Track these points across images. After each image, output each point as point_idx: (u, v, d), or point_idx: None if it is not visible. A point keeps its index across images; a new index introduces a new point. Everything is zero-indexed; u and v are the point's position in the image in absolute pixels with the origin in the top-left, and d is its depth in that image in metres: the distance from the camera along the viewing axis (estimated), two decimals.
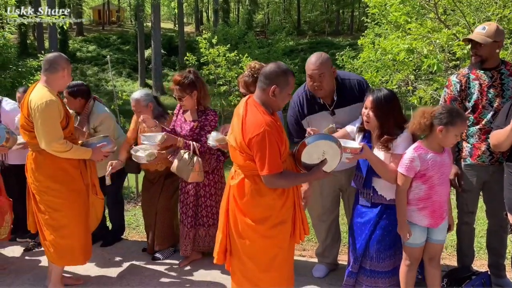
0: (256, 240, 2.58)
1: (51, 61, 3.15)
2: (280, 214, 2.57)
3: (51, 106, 3.03)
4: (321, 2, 44.64)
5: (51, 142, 3.04)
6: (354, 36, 30.87)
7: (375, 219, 2.87)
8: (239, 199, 2.58)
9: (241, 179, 2.57)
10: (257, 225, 2.55)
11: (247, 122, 2.45)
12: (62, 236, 3.23)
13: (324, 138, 2.54)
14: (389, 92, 2.78)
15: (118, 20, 45.04)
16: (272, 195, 2.54)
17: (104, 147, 3.36)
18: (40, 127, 3.03)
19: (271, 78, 2.46)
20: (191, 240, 3.73)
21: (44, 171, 3.17)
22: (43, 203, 3.20)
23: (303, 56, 31.60)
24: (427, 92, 7.44)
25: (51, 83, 3.15)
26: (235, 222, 2.61)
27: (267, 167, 2.39)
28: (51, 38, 21.72)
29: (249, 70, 3.34)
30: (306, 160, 2.56)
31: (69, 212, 3.21)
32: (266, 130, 2.38)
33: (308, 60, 3.08)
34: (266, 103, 2.51)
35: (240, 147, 2.48)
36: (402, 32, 5.88)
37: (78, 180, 3.28)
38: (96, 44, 33.43)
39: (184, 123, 3.66)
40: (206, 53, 11.98)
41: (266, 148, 2.38)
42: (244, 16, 36.94)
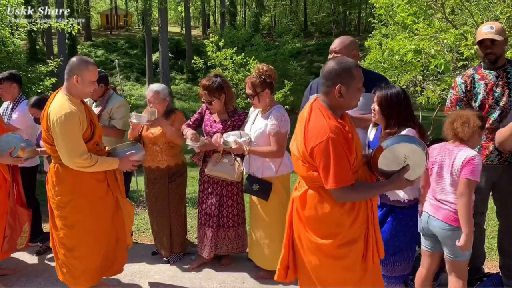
0: (323, 259, 2.27)
1: (68, 65, 2.93)
2: (350, 232, 2.23)
3: (70, 119, 2.79)
4: (327, 4, 44.62)
5: (73, 158, 2.83)
6: (361, 37, 30.79)
7: (380, 221, 2.87)
8: (303, 213, 2.31)
9: (304, 190, 2.31)
10: (322, 243, 2.25)
11: (310, 129, 2.19)
12: (75, 257, 3.03)
13: (405, 140, 2.24)
14: (397, 90, 2.78)
15: (126, 25, 45.37)
16: (340, 210, 2.22)
17: (132, 155, 3.12)
18: (61, 143, 2.81)
19: (331, 78, 2.19)
20: (214, 241, 3.74)
21: (65, 185, 2.96)
22: (60, 219, 3.00)
23: (310, 58, 31.65)
24: (435, 92, 7.39)
25: (70, 90, 2.93)
26: (299, 237, 2.35)
27: (333, 180, 2.10)
28: (60, 43, 21.91)
29: (257, 72, 3.38)
30: (384, 167, 2.23)
31: (86, 231, 3.00)
32: (330, 138, 2.09)
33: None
34: (333, 106, 2.23)
35: (303, 156, 2.22)
36: (409, 33, 5.86)
37: (104, 194, 3.06)
38: (104, 49, 33.69)
39: (214, 122, 3.75)
40: (213, 56, 12.03)
41: (330, 158, 2.09)
42: (251, 19, 37.03)
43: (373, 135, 2.95)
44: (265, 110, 3.43)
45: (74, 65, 2.89)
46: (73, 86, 2.90)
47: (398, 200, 2.84)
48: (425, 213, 2.73)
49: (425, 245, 2.81)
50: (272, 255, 3.51)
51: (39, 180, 4.62)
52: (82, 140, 2.87)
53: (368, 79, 3.23)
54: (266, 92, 3.35)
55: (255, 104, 3.41)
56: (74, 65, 2.90)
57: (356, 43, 3.32)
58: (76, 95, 2.94)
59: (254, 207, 3.56)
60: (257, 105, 3.42)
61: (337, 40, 3.32)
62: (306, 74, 21.20)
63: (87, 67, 2.90)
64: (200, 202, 3.85)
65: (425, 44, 5.28)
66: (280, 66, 19.04)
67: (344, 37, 3.36)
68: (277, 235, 3.48)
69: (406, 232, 2.83)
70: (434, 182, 2.70)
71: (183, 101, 24.70)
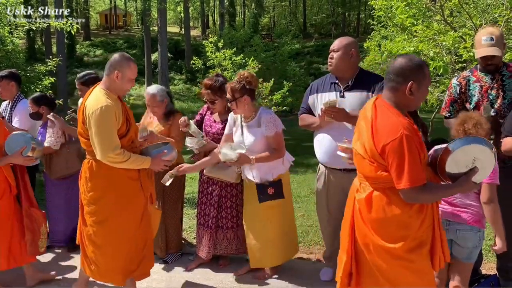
0: (392, 262, 2.17)
1: (109, 61, 2.94)
2: (418, 234, 2.16)
3: (106, 113, 2.79)
4: (327, 5, 44.64)
5: (106, 152, 2.80)
6: (360, 39, 30.80)
7: None
8: (368, 216, 2.21)
9: (370, 192, 2.21)
10: (390, 247, 2.15)
11: (379, 126, 2.11)
12: (102, 254, 3.00)
13: (474, 141, 2.17)
14: None
15: (125, 25, 45.33)
16: (409, 211, 2.13)
17: (164, 155, 3.08)
18: (95, 136, 2.81)
19: (405, 74, 2.11)
20: (212, 242, 3.74)
21: (98, 181, 2.94)
22: (90, 215, 2.97)
23: (309, 59, 31.64)
24: (433, 94, 7.41)
25: (108, 85, 2.93)
26: (364, 242, 2.24)
27: (408, 179, 2.02)
28: (59, 43, 21.85)
29: (238, 78, 3.37)
30: (451, 170, 2.17)
31: (115, 229, 2.96)
32: (404, 135, 2.01)
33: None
34: (400, 103, 2.16)
35: (371, 155, 2.13)
36: (408, 35, 5.87)
37: (137, 193, 3.02)
38: (103, 49, 33.65)
39: (214, 123, 3.77)
40: (212, 56, 12.01)
41: (405, 156, 2.01)
42: (250, 20, 37.03)
43: None
44: (249, 117, 3.40)
45: (116, 61, 2.90)
46: (112, 81, 2.91)
47: None
48: (445, 221, 2.62)
49: None
50: (273, 253, 3.53)
51: (38, 180, 4.62)
52: (116, 135, 2.85)
53: (366, 79, 3.29)
54: (245, 99, 3.31)
55: (234, 110, 3.39)
56: (116, 61, 2.90)
57: (356, 43, 3.34)
58: (114, 90, 2.94)
59: (252, 207, 3.53)
60: (235, 111, 3.39)
61: (336, 40, 3.35)
62: (305, 75, 21.16)
63: (128, 64, 2.91)
64: (199, 203, 3.85)
65: (424, 46, 5.30)
66: (279, 67, 19.03)
67: (344, 37, 3.40)
68: (282, 231, 3.55)
69: None
70: None
71: (182, 101, 24.66)
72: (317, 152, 3.44)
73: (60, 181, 4.10)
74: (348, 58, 3.26)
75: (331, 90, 3.35)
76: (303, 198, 6.36)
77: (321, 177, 3.50)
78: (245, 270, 3.70)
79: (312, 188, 6.66)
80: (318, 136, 3.39)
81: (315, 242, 4.48)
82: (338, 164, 3.26)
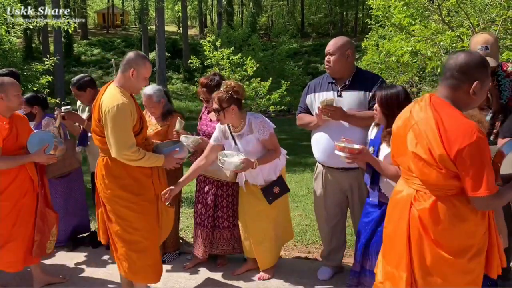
0: (450, 277, 2.03)
1: (125, 59, 2.93)
2: (481, 241, 2.05)
3: (122, 110, 2.78)
4: (324, 4, 44.64)
5: (122, 150, 2.80)
6: (358, 38, 30.83)
7: (377, 220, 2.88)
8: (433, 227, 2.01)
9: (433, 201, 2.01)
10: (456, 259, 2.00)
11: (448, 129, 1.90)
12: (135, 250, 2.98)
13: None
14: (398, 89, 2.79)
15: (123, 24, 45.24)
16: (475, 219, 2.01)
17: (176, 153, 3.10)
18: (111, 134, 2.80)
19: (469, 72, 1.96)
20: (209, 241, 3.74)
21: (114, 179, 2.93)
22: (114, 213, 2.96)
23: (307, 58, 31.66)
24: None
25: (123, 83, 2.92)
26: (422, 255, 2.05)
27: (486, 187, 1.85)
28: (56, 41, 21.83)
29: (225, 87, 3.31)
30: (506, 171, 2.09)
31: (141, 226, 2.96)
32: (480, 138, 1.84)
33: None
34: (460, 103, 2.01)
35: (439, 161, 1.92)
36: (406, 34, 5.88)
37: (150, 190, 3.03)
38: (101, 48, 33.57)
39: (210, 122, 3.77)
40: (210, 55, 12.02)
41: (482, 162, 1.86)
42: (248, 19, 37.01)
43: (375, 134, 2.97)
44: (239, 126, 3.37)
45: (132, 59, 2.90)
46: (127, 79, 2.90)
47: None
48: None
49: None
50: (270, 253, 3.54)
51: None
52: (132, 132, 2.85)
53: (363, 78, 3.29)
54: (233, 108, 3.26)
55: (220, 120, 3.32)
56: (132, 59, 2.90)
57: (351, 42, 3.34)
58: (128, 88, 2.93)
59: (250, 208, 3.53)
60: (223, 121, 3.33)
61: (331, 42, 3.34)
62: (303, 74, 21.17)
63: (144, 62, 2.92)
64: (196, 202, 3.85)
65: (422, 46, 5.31)
66: (277, 66, 19.06)
67: (338, 37, 3.39)
68: (278, 226, 3.58)
69: None
70: None
71: (180, 100, 24.63)
72: (314, 151, 3.44)
73: (58, 180, 4.08)
74: (345, 59, 3.27)
75: (329, 89, 3.35)
76: (301, 197, 6.36)
77: (319, 176, 3.51)
78: (243, 269, 3.70)
79: (310, 188, 6.66)
80: (316, 135, 3.39)
81: (313, 241, 4.49)
82: (335, 163, 3.26)
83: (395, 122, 2.27)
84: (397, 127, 2.22)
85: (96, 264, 3.97)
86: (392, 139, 2.30)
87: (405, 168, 2.17)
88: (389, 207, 2.29)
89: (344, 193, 3.43)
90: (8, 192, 3.24)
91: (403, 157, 2.14)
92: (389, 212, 2.27)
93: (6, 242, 3.26)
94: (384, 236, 2.31)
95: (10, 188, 3.24)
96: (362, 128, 3.18)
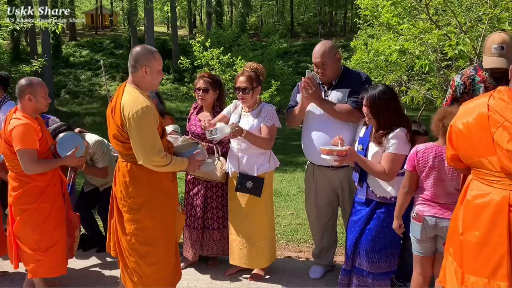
0: None
1: (131, 57, 2.67)
2: None
3: (147, 113, 2.55)
4: (314, 4, 44.77)
5: (151, 156, 2.57)
6: (347, 38, 30.99)
7: (366, 218, 2.90)
8: None
9: None
10: None
11: None
12: (149, 264, 2.75)
13: None
14: (383, 88, 2.81)
15: (111, 25, 44.94)
16: None
17: (198, 155, 2.90)
18: (137, 139, 2.56)
19: None
20: (199, 243, 3.73)
21: (140, 186, 2.69)
22: (132, 223, 2.72)
23: (297, 58, 31.72)
24: (420, 92, 7.49)
25: (138, 83, 2.68)
26: None
27: None
28: (44, 43, 21.60)
29: (251, 68, 3.41)
30: None
31: (160, 235, 2.75)
32: None
33: (314, 49, 3.27)
34: None
35: None
36: (394, 33, 5.92)
37: (174, 196, 2.88)
38: (89, 49, 33.33)
39: (199, 122, 3.73)
40: (200, 56, 11.99)
41: None
42: (237, 19, 37.02)
43: (363, 132, 2.99)
44: (252, 108, 3.43)
45: (141, 56, 2.65)
46: (142, 78, 2.67)
47: (385, 197, 2.88)
48: (431, 218, 2.61)
49: (421, 251, 2.71)
50: (264, 252, 3.53)
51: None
52: (159, 136, 2.64)
53: (349, 77, 3.30)
54: (259, 89, 3.40)
55: (246, 99, 3.35)
56: (140, 55, 2.65)
57: (334, 45, 3.32)
58: (145, 87, 2.71)
59: (238, 208, 3.52)
60: (248, 101, 3.37)
61: (319, 51, 3.23)
62: (293, 74, 21.20)
63: (153, 55, 2.68)
64: (185, 204, 3.83)
65: (410, 45, 5.35)
66: (267, 66, 19.01)
67: (323, 44, 3.27)
68: (270, 231, 3.57)
69: (392, 229, 2.85)
70: (434, 187, 2.61)
71: (170, 101, 24.52)
72: (305, 150, 3.45)
73: None
74: (336, 63, 3.29)
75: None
76: (292, 197, 6.38)
77: (310, 175, 3.52)
78: (234, 270, 3.70)
79: (301, 187, 6.68)
80: (306, 134, 3.40)
81: (304, 240, 4.50)
82: (326, 162, 3.27)
83: (457, 119, 2.10)
84: (466, 125, 2.04)
85: (86, 265, 3.94)
86: (457, 138, 2.11)
87: (487, 169, 1.98)
88: (468, 213, 2.07)
89: (334, 191, 3.44)
90: (47, 193, 3.23)
91: (486, 157, 1.96)
92: (471, 218, 2.05)
93: (49, 246, 3.25)
94: (465, 244, 2.07)
95: (47, 189, 3.23)
96: (350, 127, 3.23)
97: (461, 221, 2.10)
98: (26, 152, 3.06)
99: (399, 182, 2.82)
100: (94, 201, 4.17)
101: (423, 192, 2.66)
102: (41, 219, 3.21)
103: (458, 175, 2.54)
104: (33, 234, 3.20)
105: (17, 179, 3.19)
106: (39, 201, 3.19)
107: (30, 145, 3.07)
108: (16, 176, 3.19)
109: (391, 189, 2.86)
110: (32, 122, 3.14)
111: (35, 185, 3.18)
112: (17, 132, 3.05)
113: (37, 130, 3.14)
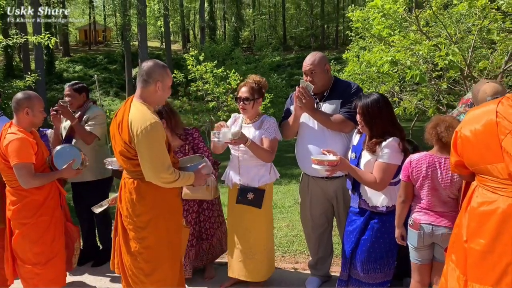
0: None
1: (143, 71, 2.62)
2: None
3: (156, 130, 2.49)
4: (306, 18, 45.27)
5: (160, 172, 2.52)
6: (340, 50, 31.30)
7: (360, 228, 2.91)
8: None
9: None
10: None
11: None
12: (153, 282, 2.68)
13: None
14: (376, 97, 2.83)
15: (105, 40, 45.09)
16: None
17: (204, 168, 2.83)
18: (146, 156, 2.50)
19: None
20: (191, 259, 3.72)
21: (147, 202, 2.64)
22: (138, 241, 2.65)
23: (290, 70, 31.93)
24: (412, 103, 7.55)
25: (147, 97, 2.62)
26: None
27: None
28: (37, 59, 21.62)
29: (254, 80, 3.44)
30: None
31: (166, 253, 2.69)
32: None
33: (305, 58, 3.37)
34: None
35: None
36: (385, 45, 5.99)
37: (180, 211, 2.84)
38: (83, 64, 33.38)
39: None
40: (194, 70, 12.06)
41: None
42: (231, 33, 37.31)
43: (357, 141, 3.01)
44: (253, 119, 3.44)
45: (154, 70, 2.61)
46: (152, 93, 2.62)
47: (377, 206, 2.88)
48: (427, 226, 2.63)
49: (419, 258, 2.72)
50: (263, 265, 3.51)
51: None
52: (167, 152, 2.59)
53: (340, 88, 3.34)
54: (260, 101, 3.42)
55: (246, 109, 3.37)
56: (154, 70, 2.61)
57: (324, 56, 3.38)
58: (154, 102, 2.67)
59: (238, 220, 3.51)
60: (248, 111, 3.38)
61: (308, 62, 3.31)
62: (286, 86, 21.35)
63: (166, 71, 2.66)
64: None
65: (401, 56, 5.41)
66: None
67: (313, 56, 3.34)
68: (269, 243, 3.56)
69: (387, 239, 2.86)
70: (429, 196, 2.63)
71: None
72: (299, 161, 3.47)
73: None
74: (326, 74, 3.32)
75: None
76: (288, 209, 6.37)
77: (304, 186, 3.53)
78: (230, 282, 3.67)
79: (296, 199, 6.68)
80: (300, 146, 3.42)
81: (300, 251, 4.49)
82: (320, 173, 3.29)
83: (464, 125, 2.08)
84: (474, 132, 2.01)
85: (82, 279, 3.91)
86: (463, 145, 2.08)
87: (494, 176, 1.95)
88: (473, 220, 2.03)
89: (329, 202, 3.45)
90: (45, 206, 3.23)
91: (493, 164, 1.93)
92: (476, 225, 2.01)
93: (49, 258, 3.25)
94: (470, 252, 2.04)
95: (46, 202, 3.24)
96: (343, 138, 3.25)
97: (465, 228, 2.07)
98: (22, 166, 3.06)
99: (391, 192, 2.84)
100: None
101: (420, 201, 2.68)
102: (40, 233, 3.21)
103: (451, 184, 2.57)
104: (33, 247, 3.19)
105: (15, 194, 3.19)
106: (38, 214, 3.19)
107: (27, 159, 3.07)
108: (14, 191, 3.19)
109: (383, 199, 2.86)
110: (27, 136, 3.14)
111: (33, 199, 3.18)
112: (13, 147, 3.05)
113: (33, 144, 3.14)
